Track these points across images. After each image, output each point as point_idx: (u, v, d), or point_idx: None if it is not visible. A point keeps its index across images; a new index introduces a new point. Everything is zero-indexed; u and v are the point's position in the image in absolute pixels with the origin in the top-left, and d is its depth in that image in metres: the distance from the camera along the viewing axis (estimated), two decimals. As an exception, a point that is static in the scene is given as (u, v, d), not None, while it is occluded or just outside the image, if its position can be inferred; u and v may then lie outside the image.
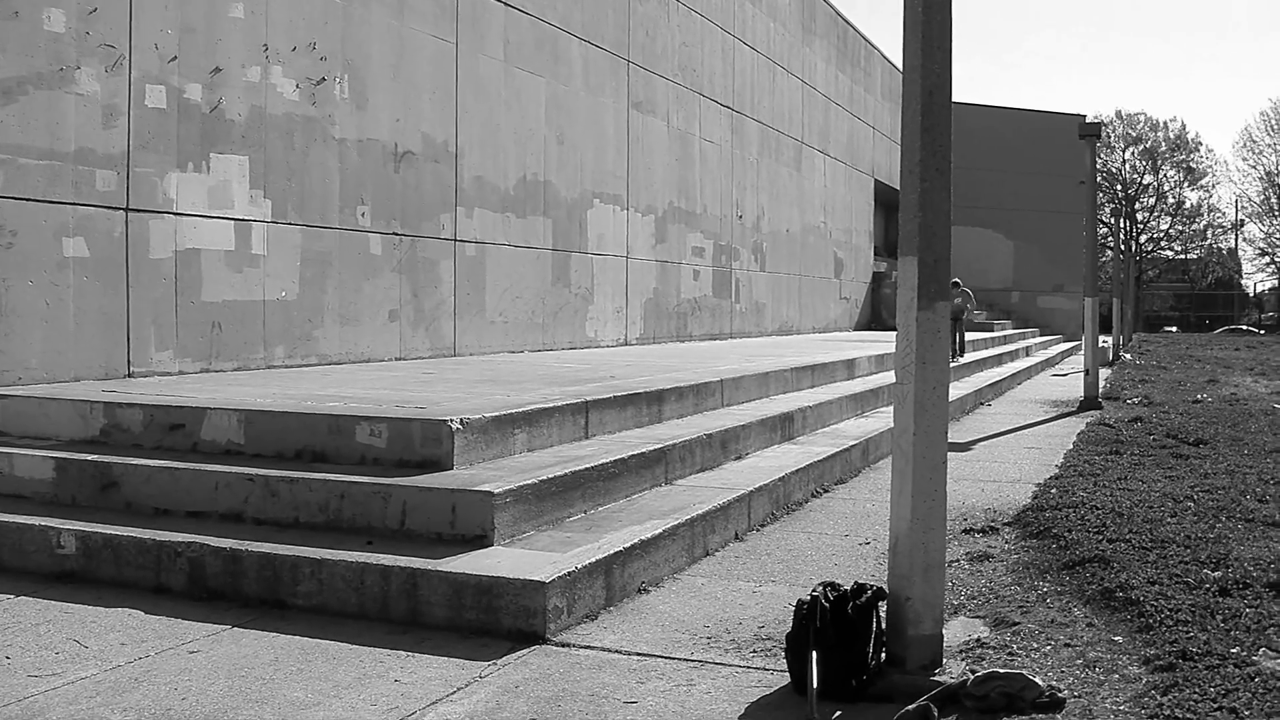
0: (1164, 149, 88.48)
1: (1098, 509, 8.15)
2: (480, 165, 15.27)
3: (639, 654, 5.43)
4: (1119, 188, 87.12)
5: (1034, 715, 4.49)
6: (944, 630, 5.12)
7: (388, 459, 7.34)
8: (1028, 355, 30.76)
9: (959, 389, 17.43)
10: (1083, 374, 19.07)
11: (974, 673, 4.77)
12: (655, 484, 8.27)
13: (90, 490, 7.54)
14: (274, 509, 6.98)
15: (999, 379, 21.42)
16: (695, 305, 22.25)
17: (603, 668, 5.23)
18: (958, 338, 21.72)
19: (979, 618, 5.91)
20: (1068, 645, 5.34)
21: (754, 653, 5.43)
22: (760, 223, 25.64)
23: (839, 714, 4.65)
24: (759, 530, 8.24)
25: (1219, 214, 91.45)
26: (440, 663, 5.28)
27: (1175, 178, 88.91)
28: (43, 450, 7.96)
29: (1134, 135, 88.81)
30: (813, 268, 29.49)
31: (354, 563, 6.08)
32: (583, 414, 8.82)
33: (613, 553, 6.28)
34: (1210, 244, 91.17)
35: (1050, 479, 10.04)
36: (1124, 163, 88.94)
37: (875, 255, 36.23)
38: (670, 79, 21.01)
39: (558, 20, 17.07)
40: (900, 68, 32.79)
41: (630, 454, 8.00)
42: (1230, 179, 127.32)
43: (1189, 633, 5.24)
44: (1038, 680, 4.65)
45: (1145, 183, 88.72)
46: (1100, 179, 74.09)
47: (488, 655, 5.38)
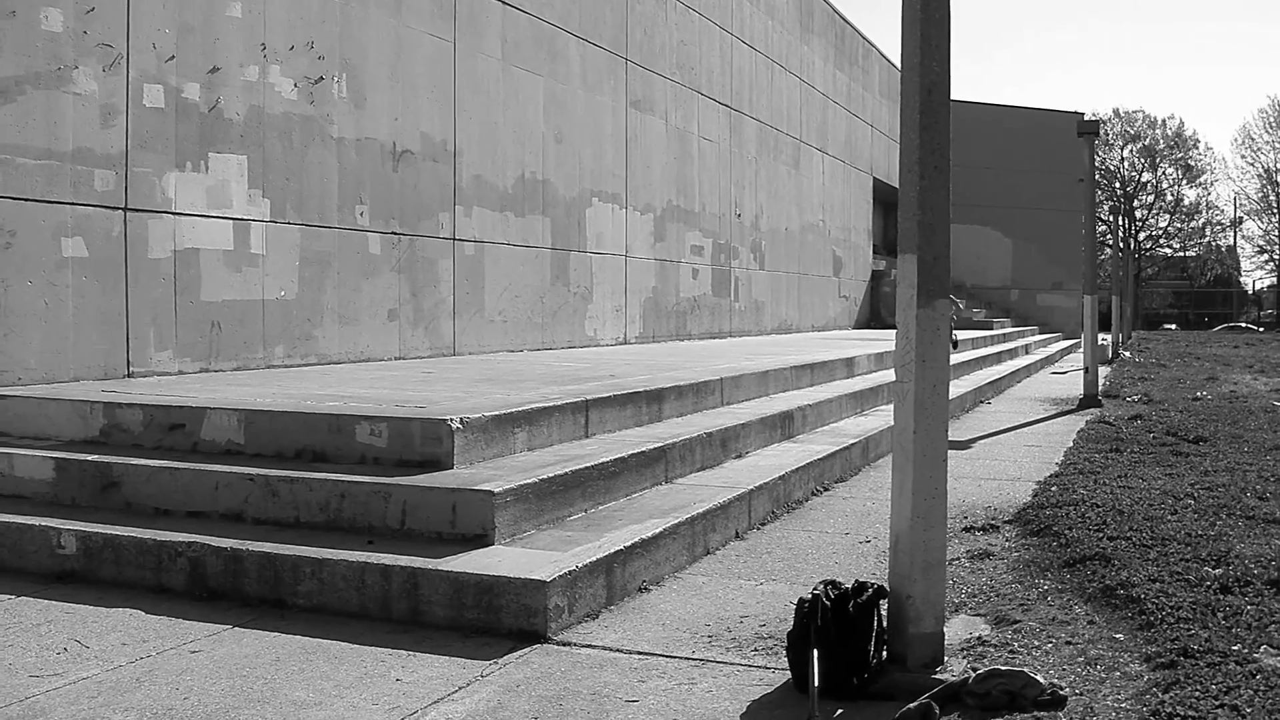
0: (1162, 146, 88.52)
1: (1098, 506, 8.15)
2: (479, 164, 15.27)
3: (640, 653, 5.43)
4: (1117, 185, 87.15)
5: (1036, 713, 4.48)
6: (945, 628, 5.11)
7: (388, 458, 7.34)
8: (1027, 353, 30.77)
9: (959, 387, 17.43)
10: (1082, 372, 19.06)
11: (975, 671, 4.77)
12: (656, 483, 8.27)
13: (90, 490, 7.54)
14: (274, 509, 6.98)
15: (998, 377, 21.41)
16: (694, 304, 22.25)
17: (604, 666, 5.23)
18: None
19: (980, 615, 5.91)
20: (1069, 643, 5.34)
21: (755, 651, 5.43)
22: (759, 221, 25.63)
23: (840, 712, 4.65)
24: (759, 529, 8.24)
25: (1218, 211, 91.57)
26: (441, 662, 5.28)
27: (1174, 175, 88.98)
28: (42, 450, 7.95)
29: (1132, 132, 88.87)
30: (812, 266, 29.49)
31: (355, 562, 6.08)
32: (583, 413, 8.82)
33: (613, 551, 6.28)
34: (1209, 241, 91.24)
35: (1050, 477, 10.03)
36: (1122, 160, 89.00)
37: (874, 253, 36.21)
38: (668, 77, 21.01)
39: (555, 19, 17.07)
40: (898, 66, 32.76)
41: (630, 453, 8.00)
42: (1229, 176, 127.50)
43: (1190, 630, 5.23)
44: (1039, 678, 4.65)
45: (1144, 180, 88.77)
46: (1099, 176, 74.10)
47: (489, 654, 5.38)
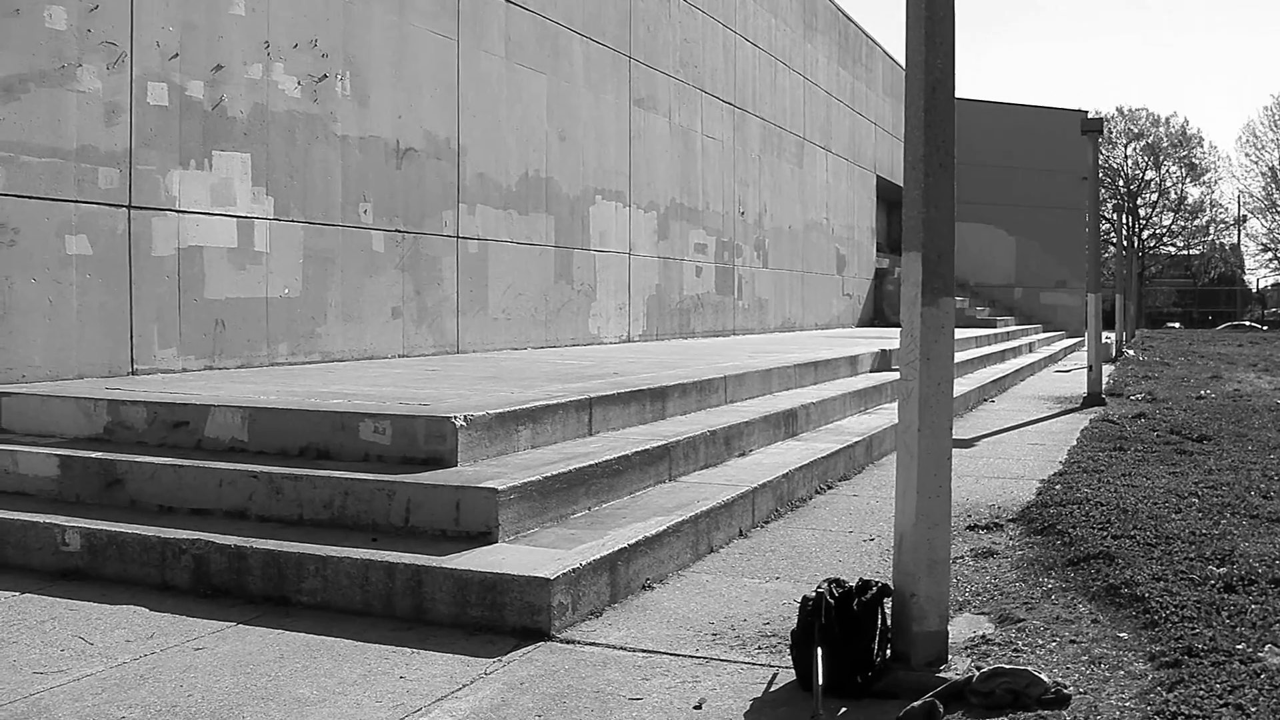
0: (1166, 144, 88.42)
1: (1102, 505, 8.14)
2: (482, 162, 15.26)
3: (644, 650, 5.43)
4: (1121, 183, 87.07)
5: (1039, 712, 4.48)
6: (949, 627, 5.11)
7: (392, 456, 7.34)
8: (1030, 351, 30.74)
9: (962, 385, 17.41)
10: (1086, 370, 19.04)
11: (979, 669, 4.77)
12: (659, 480, 8.27)
13: (94, 488, 7.55)
14: (278, 506, 6.98)
15: (1002, 375, 21.40)
16: (698, 302, 22.24)
17: (608, 664, 5.23)
18: None
19: (984, 614, 5.91)
20: (1073, 642, 5.33)
21: (759, 649, 5.43)
22: (762, 219, 25.62)
23: (845, 710, 4.65)
24: (763, 527, 8.24)
25: (1221, 210, 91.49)
26: (445, 659, 5.28)
27: (1177, 173, 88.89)
28: (47, 448, 7.96)
29: (1136, 131, 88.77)
30: (815, 264, 29.48)
31: (358, 560, 6.08)
32: (586, 411, 8.82)
33: (617, 549, 6.28)
34: (1213, 240, 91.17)
35: (1054, 475, 10.03)
36: (1126, 158, 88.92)
37: (878, 251, 36.18)
38: (672, 75, 21.00)
39: (559, 16, 17.06)
40: (902, 64, 32.79)
41: (634, 450, 8.00)
42: (1233, 174, 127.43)
43: (1194, 629, 5.23)
44: (1043, 677, 4.65)
45: (1147, 178, 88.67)
46: (1102, 175, 74.04)
47: (493, 652, 5.39)
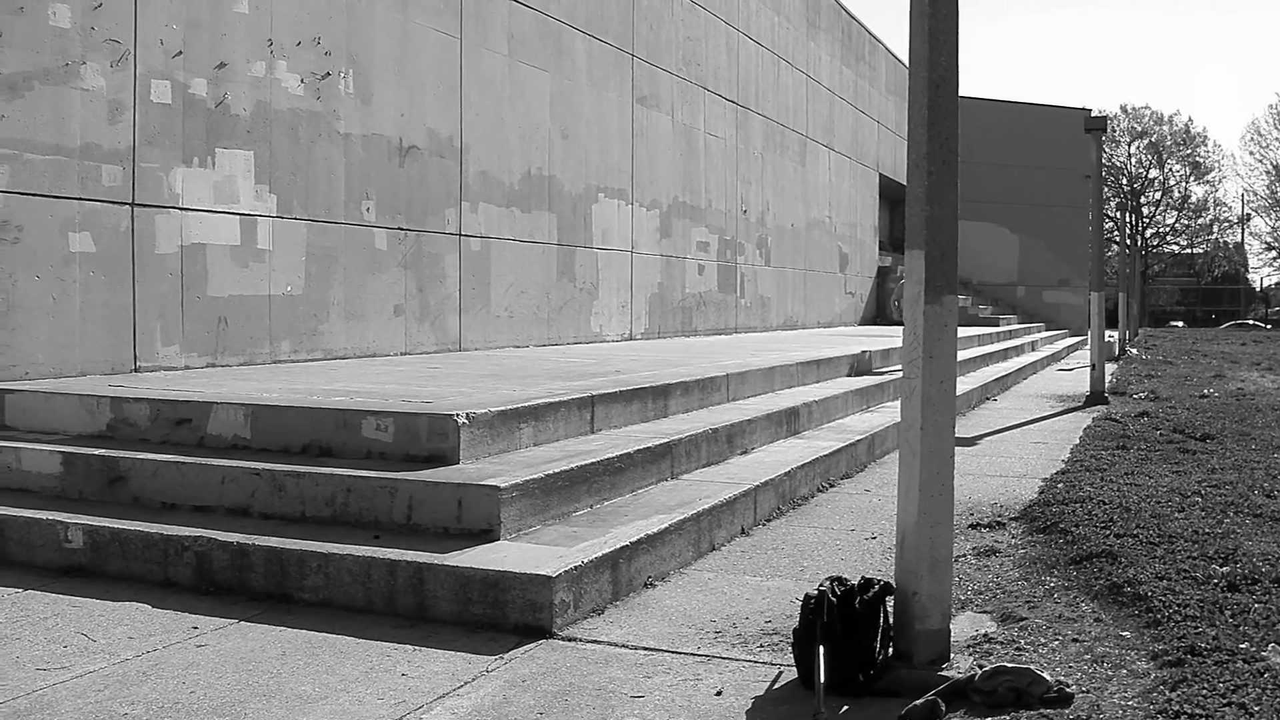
0: (1170, 143, 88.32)
1: (1105, 504, 8.14)
2: (485, 160, 15.26)
3: (646, 648, 5.43)
4: (1124, 182, 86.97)
5: (1042, 710, 4.48)
6: (951, 625, 5.11)
7: (394, 453, 7.34)
8: (1033, 350, 30.73)
9: (965, 384, 17.40)
10: (1088, 369, 19.04)
11: (981, 668, 4.77)
12: (661, 478, 8.27)
13: (97, 484, 7.55)
14: (280, 503, 6.99)
15: (1005, 374, 21.39)
16: (700, 300, 22.24)
17: (609, 662, 5.23)
18: None
19: (986, 613, 5.91)
20: (1075, 640, 5.33)
21: (761, 647, 5.43)
22: (765, 217, 25.61)
23: (846, 709, 4.65)
24: (765, 525, 8.24)
25: (1225, 208, 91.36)
26: (447, 657, 5.28)
27: (1181, 172, 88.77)
28: (50, 445, 7.97)
29: (1139, 129, 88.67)
30: (818, 262, 29.47)
31: (361, 557, 6.09)
32: (588, 408, 8.82)
33: (619, 547, 6.28)
34: (1216, 238, 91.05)
35: (1057, 474, 10.03)
36: (1129, 157, 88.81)
37: (880, 250, 36.17)
38: (674, 73, 20.99)
39: (561, 14, 17.06)
40: (905, 62, 32.74)
41: (636, 448, 8.00)
42: (1237, 173, 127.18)
43: (1197, 628, 5.22)
44: (1046, 675, 4.65)
45: (1151, 177, 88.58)
46: (1105, 173, 73.93)
47: (494, 649, 5.39)
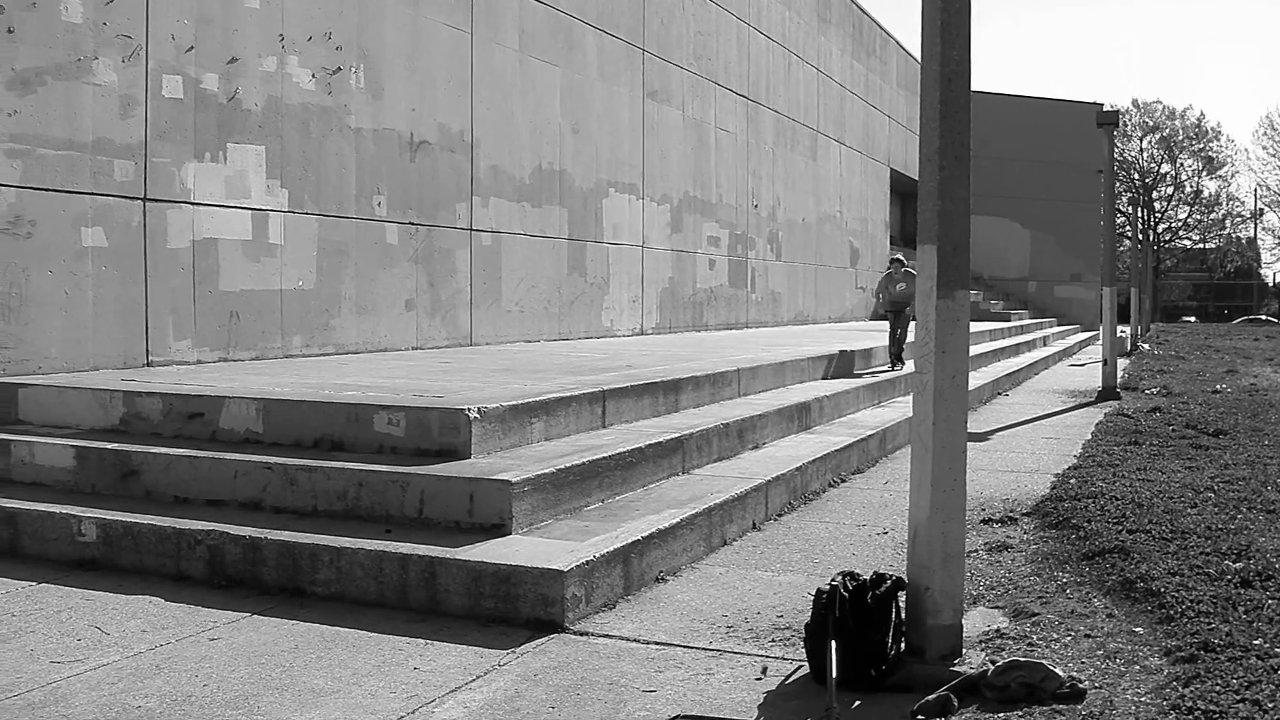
0: (1181, 137, 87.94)
1: (1117, 499, 8.12)
2: (495, 154, 15.26)
3: (657, 643, 5.43)
4: (1136, 177, 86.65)
5: (1054, 706, 4.47)
6: (963, 620, 5.10)
7: (406, 448, 7.35)
8: (1045, 345, 30.66)
9: (976, 379, 17.37)
10: (1100, 364, 19.00)
11: (994, 663, 4.76)
12: (673, 473, 8.27)
13: (110, 478, 7.57)
14: (292, 497, 7.00)
15: (1016, 369, 21.35)
16: (711, 295, 22.22)
17: (621, 656, 5.23)
18: (900, 334, 15.61)
19: (998, 608, 5.90)
20: (1088, 636, 5.32)
21: (772, 642, 5.43)
22: (776, 212, 25.58)
23: (859, 704, 4.64)
24: (776, 520, 8.23)
25: (1238, 203, 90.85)
26: (459, 651, 5.29)
27: (1193, 166, 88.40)
28: (63, 439, 7.99)
29: (1151, 124, 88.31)
30: (828, 257, 29.42)
31: (372, 551, 6.10)
32: (600, 403, 8.82)
33: (631, 542, 6.28)
34: (1229, 233, 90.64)
35: (1069, 469, 10.00)
36: (1141, 151, 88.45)
37: (891, 244, 36.09)
38: (685, 68, 20.96)
39: (572, 9, 17.04)
40: (916, 56, 32.52)
41: (648, 443, 8.00)
42: (1250, 168, 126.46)
43: (1211, 624, 5.21)
44: (1058, 671, 4.64)
45: (1163, 172, 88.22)
46: (1117, 168, 73.72)
47: (506, 644, 5.40)
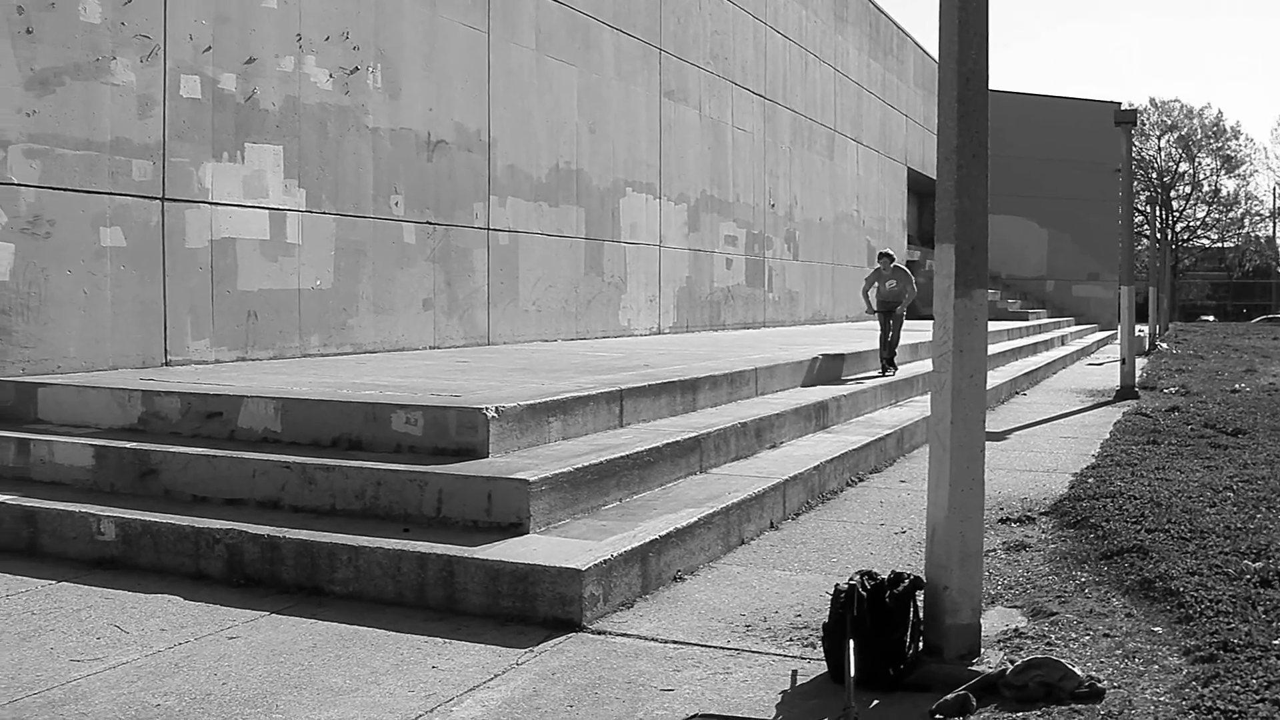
0: (1199, 136, 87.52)
1: (1136, 499, 8.09)
2: (513, 154, 15.28)
3: (675, 642, 5.43)
4: (1154, 175, 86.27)
5: (1073, 705, 4.45)
6: (981, 620, 5.09)
7: (423, 447, 7.36)
8: (1063, 344, 30.56)
9: (994, 378, 17.32)
10: (1119, 363, 18.94)
11: (1012, 663, 4.75)
12: (690, 472, 8.27)
13: (129, 477, 7.60)
14: (311, 496, 7.02)
15: (1034, 368, 21.29)
16: (728, 294, 22.21)
17: (639, 655, 5.23)
18: (891, 336, 14.57)
19: (1016, 607, 5.88)
20: (1106, 636, 5.30)
21: (790, 641, 5.42)
22: (793, 211, 25.56)
23: (876, 703, 4.64)
24: (794, 519, 8.22)
25: (1257, 202, 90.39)
26: (477, 649, 5.30)
27: (1212, 165, 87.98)
28: (82, 438, 8.03)
29: (1169, 122, 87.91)
30: (846, 256, 29.37)
31: (391, 550, 6.11)
32: (617, 402, 8.82)
33: (648, 541, 6.28)
34: (1248, 232, 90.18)
35: (1087, 468, 9.97)
36: (1159, 150, 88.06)
37: (909, 243, 36.04)
38: (702, 67, 20.96)
39: (589, 8, 17.05)
40: (933, 55, 32.22)
41: (665, 442, 8.00)
42: (1269, 167, 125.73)
43: (1230, 624, 5.18)
44: (1077, 670, 4.63)
45: (1181, 170, 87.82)
46: (1135, 167, 73.39)
47: (524, 642, 5.40)
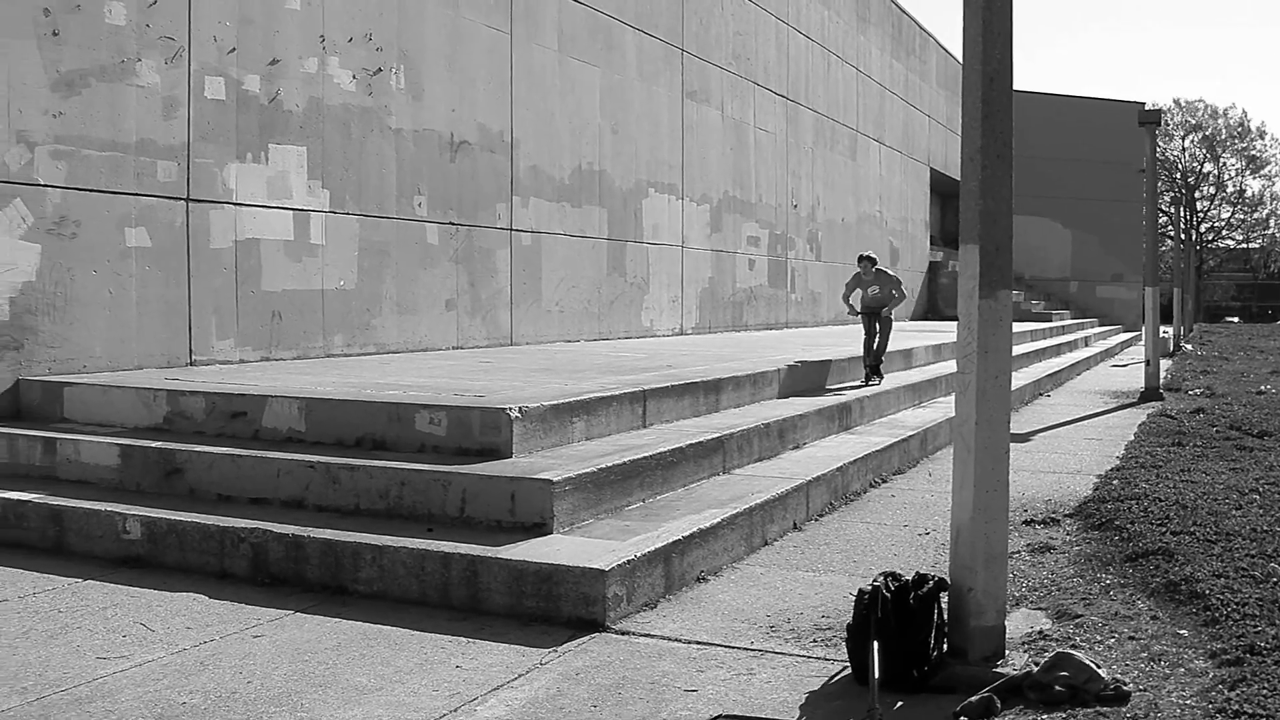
0: (1224, 136, 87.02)
1: (1161, 501, 8.05)
2: (535, 155, 15.31)
3: (698, 642, 5.43)
4: (1178, 176, 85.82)
5: (1098, 708, 4.43)
6: (1006, 622, 5.07)
7: (447, 447, 7.38)
8: (1086, 345, 30.42)
9: (1017, 379, 17.25)
10: (1143, 365, 18.83)
11: (1036, 665, 4.73)
12: (713, 473, 8.26)
13: (154, 476, 7.64)
14: (335, 496, 7.04)
15: (1058, 369, 21.20)
16: (751, 295, 22.19)
17: (662, 656, 5.23)
18: (876, 344, 13.03)
19: (1041, 610, 5.86)
20: (1132, 638, 5.28)
21: (814, 642, 5.41)
22: (815, 212, 25.52)
23: (901, 705, 4.62)
24: (817, 520, 8.21)
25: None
26: (501, 649, 5.31)
27: (1236, 165, 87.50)
28: (108, 437, 8.08)
29: (1193, 123, 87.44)
30: (868, 257, 29.27)
31: (414, 549, 6.12)
32: (640, 403, 8.83)
33: (672, 541, 6.28)
34: (1273, 233, 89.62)
35: (1111, 470, 9.92)
36: (1183, 150, 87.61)
37: (931, 244, 35.96)
38: (724, 68, 20.95)
39: (611, 9, 17.06)
40: (956, 55, 32.09)
41: (688, 443, 8.00)
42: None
43: (1256, 627, 5.15)
44: (1102, 672, 4.60)
45: (1205, 171, 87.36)
46: (1159, 167, 73.01)
47: (548, 642, 5.41)
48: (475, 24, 14.07)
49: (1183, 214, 74.46)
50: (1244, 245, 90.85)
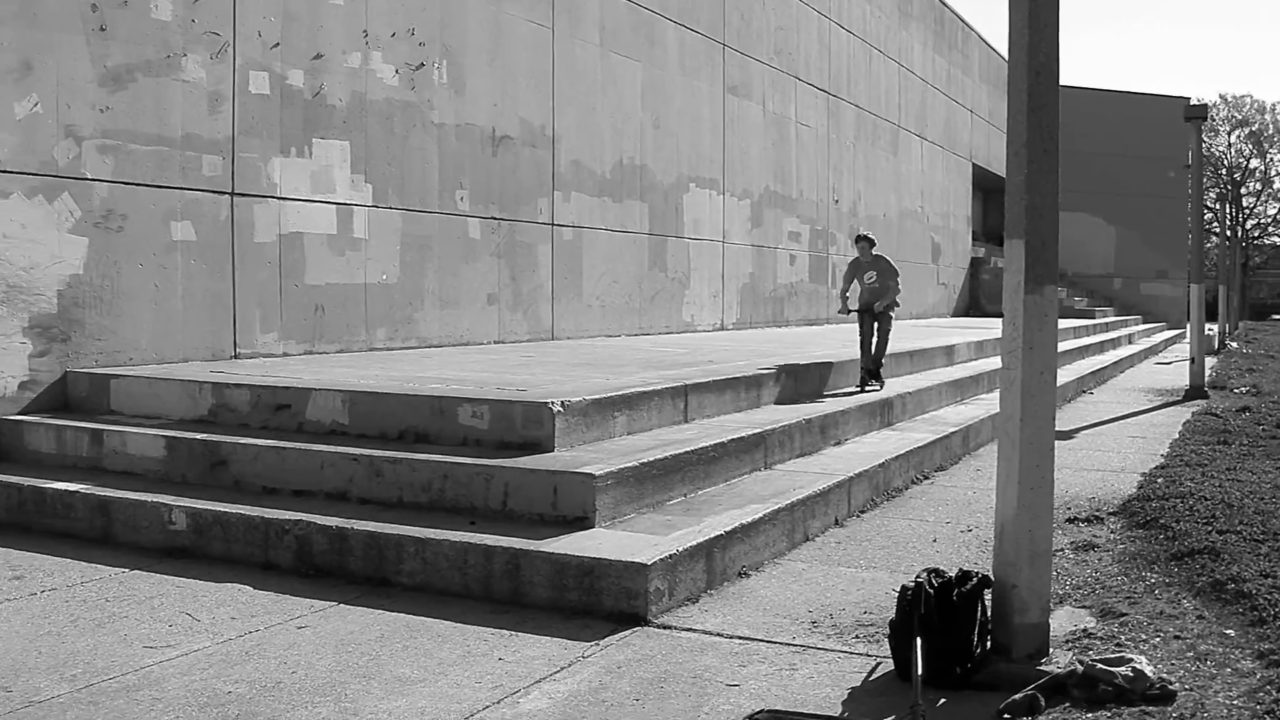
0: (1271, 132, 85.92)
1: (1206, 500, 7.97)
2: (576, 149, 15.32)
3: (740, 637, 5.43)
4: (1224, 172, 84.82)
5: (1144, 708, 4.40)
6: (1050, 620, 5.04)
7: (489, 440, 7.40)
8: (1130, 343, 30.14)
9: (1061, 376, 17.02)
10: (1187, 362, 18.66)
11: (1081, 663, 4.69)
12: (754, 468, 8.25)
13: (200, 468, 7.72)
14: (378, 488, 7.08)
15: (1101, 366, 21.02)
16: (791, 290, 22.13)
17: (704, 650, 5.24)
18: (874, 343, 11.72)
19: (1085, 608, 5.82)
20: (1177, 637, 5.23)
21: (856, 638, 5.40)
22: (857, 207, 25.41)
23: (944, 701, 4.61)
24: (859, 516, 8.18)
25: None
26: (543, 642, 5.32)
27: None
28: (154, 429, 8.16)
29: (1239, 118, 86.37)
30: (910, 253, 29.14)
31: (457, 542, 6.15)
32: (682, 398, 8.82)
33: (713, 536, 6.28)
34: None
35: (1156, 468, 9.84)
36: (1229, 146, 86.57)
37: (973, 240, 35.72)
38: (766, 63, 20.89)
39: (653, 4, 17.05)
40: (998, 50, 31.86)
41: (730, 438, 8.00)
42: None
43: (1305, 627, 5.10)
44: (1148, 671, 4.57)
45: (1251, 167, 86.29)
46: (1204, 163, 72.16)
47: (590, 636, 5.42)
48: (517, 19, 14.10)
49: (1228, 210, 73.54)
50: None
